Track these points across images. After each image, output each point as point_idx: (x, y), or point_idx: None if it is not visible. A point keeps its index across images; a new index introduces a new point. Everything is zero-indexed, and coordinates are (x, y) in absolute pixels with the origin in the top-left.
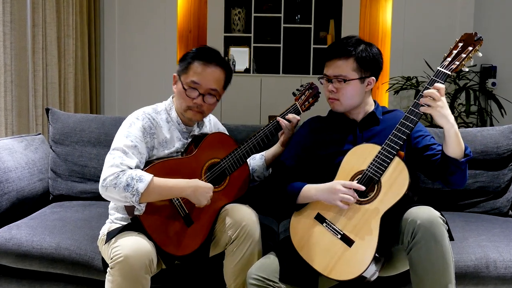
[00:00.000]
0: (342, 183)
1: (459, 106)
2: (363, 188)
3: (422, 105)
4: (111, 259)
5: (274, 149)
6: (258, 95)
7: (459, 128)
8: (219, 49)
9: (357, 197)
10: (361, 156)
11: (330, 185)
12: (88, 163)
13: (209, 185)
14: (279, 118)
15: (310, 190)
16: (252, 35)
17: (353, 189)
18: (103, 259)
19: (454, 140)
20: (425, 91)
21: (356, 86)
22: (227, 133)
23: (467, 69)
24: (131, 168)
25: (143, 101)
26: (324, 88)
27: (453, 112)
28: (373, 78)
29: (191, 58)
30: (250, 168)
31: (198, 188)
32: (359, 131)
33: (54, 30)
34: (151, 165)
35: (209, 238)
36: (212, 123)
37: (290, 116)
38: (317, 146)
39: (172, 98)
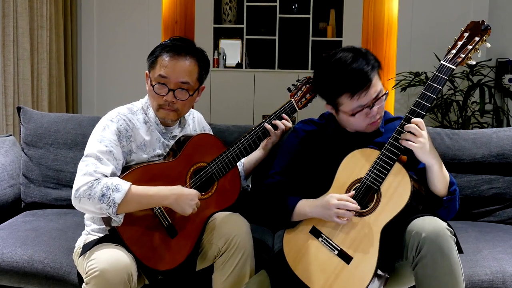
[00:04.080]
0: (337, 197)
1: (472, 105)
2: (357, 207)
3: (404, 139)
4: (87, 273)
5: (255, 155)
6: (251, 92)
7: (472, 128)
8: (208, 41)
9: (357, 208)
10: (359, 162)
11: (325, 200)
12: (63, 167)
13: (194, 191)
14: (265, 124)
15: (304, 207)
16: (244, 26)
17: (352, 201)
18: (79, 273)
19: (437, 177)
20: (406, 126)
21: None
22: (211, 133)
23: (473, 62)
24: (107, 176)
25: (124, 99)
26: (359, 120)
27: (466, 111)
28: None
29: (159, 51)
30: None
31: (181, 196)
32: (359, 144)
33: (26, 21)
34: (130, 170)
35: (196, 250)
36: (196, 121)
37: (281, 121)
38: (311, 156)
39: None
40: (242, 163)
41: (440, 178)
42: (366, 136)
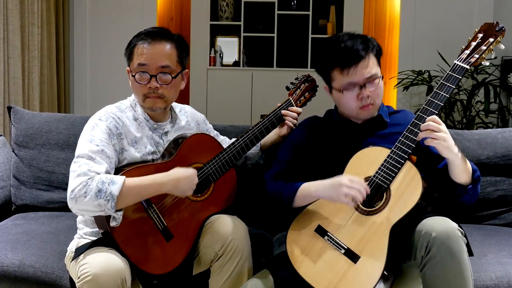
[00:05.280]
0: (349, 177)
1: (477, 104)
2: (368, 191)
3: (423, 132)
4: (79, 278)
5: (271, 136)
6: (249, 91)
7: (476, 128)
8: (204, 39)
9: (368, 190)
10: (368, 160)
11: (335, 179)
12: (55, 168)
13: (191, 170)
14: (284, 111)
15: (309, 187)
16: (242, 23)
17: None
18: (71, 278)
19: (461, 169)
20: (422, 125)
21: (382, 83)
22: (207, 121)
23: (487, 63)
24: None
25: (117, 98)
26: (348, 99)
27: (470, 111)
28: None
29: (134, 41)
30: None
31: (179, 180)
32: (364, 136)
33: (17, 18)
34: (124, 171)
35: (192, 254)
36: (189, 115)
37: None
38: (316, 151)
39: None
40: (260, 144)
41: (464, 170)
42: (371, 128)
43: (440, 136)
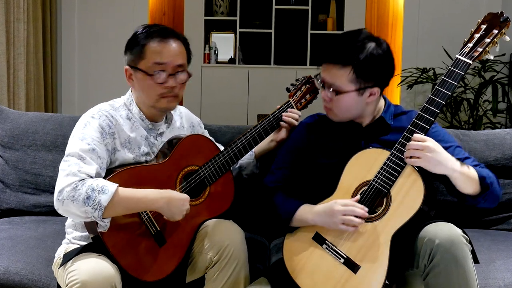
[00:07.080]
0: (341, 203)
1: (484, 103)
2: (365, 213)
3: (409, 157)
4: (67, 285)
5: (265, 144)
6: (245, 90)
7: (484, 129)
8: (199, 35)
9: (365, 214)
10: (366, 163)
11: (328, 206)
12: (42, 171)
13: (185, 196)
14: (284, 113)
15: (306, 213)
16: (237, 18)
17: (359, 206)
18: (59, 285)
19: (463, 181)
20: (407, 146)
21: (352, 99)
22: (202, 125)
23: (491, 57)
24: (91, 177)
25: (108, 97)
26: (320, 91)
27: (477, 111)
28: (377, 89)
29: (144, 39)
30: (238, 165)
31: (171, 200)
32: (365, 140)
33: (2, 13)
34: (116, 173)
35: (186, 260)
36: (184, 116)
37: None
38: (316, 153)
39: (131, 91)
40: (254, 152)
41: (466, 182)
42: (373, 131)
43: (424, 155)
